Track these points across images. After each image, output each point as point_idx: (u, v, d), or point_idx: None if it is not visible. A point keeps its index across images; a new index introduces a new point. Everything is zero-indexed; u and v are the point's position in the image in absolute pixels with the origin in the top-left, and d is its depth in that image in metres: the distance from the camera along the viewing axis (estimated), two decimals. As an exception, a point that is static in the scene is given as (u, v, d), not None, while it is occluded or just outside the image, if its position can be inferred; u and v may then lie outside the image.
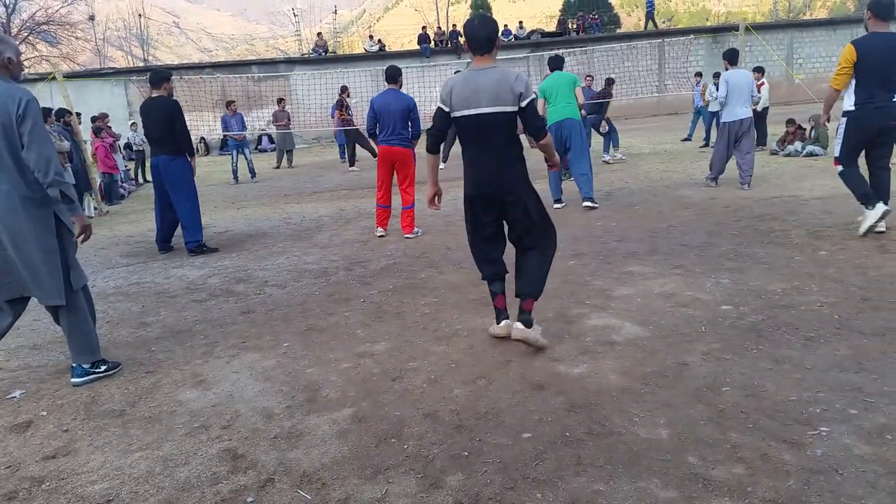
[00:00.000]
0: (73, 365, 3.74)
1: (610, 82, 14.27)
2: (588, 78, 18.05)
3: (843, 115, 5.69)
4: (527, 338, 3.65)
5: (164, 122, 6.90)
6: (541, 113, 7.70)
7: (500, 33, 3.69)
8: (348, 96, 16.39)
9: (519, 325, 3.70)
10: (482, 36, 3.53)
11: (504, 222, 3.86)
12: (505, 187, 3.65)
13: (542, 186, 9.92)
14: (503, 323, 3.90)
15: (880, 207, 5.52)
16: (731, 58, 8.92)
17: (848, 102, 5.59)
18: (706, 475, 2.41)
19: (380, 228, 7.43)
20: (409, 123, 7.08)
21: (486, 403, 3.13)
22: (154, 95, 7.09)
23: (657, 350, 3.61)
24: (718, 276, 4.88)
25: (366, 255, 6.53)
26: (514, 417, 2.96)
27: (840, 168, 5.81)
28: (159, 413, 3.30)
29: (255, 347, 4.14)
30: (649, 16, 32.87)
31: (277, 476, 2.63)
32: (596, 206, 7.94)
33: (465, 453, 2.69)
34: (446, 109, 3.63)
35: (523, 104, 3.51)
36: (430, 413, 3.07)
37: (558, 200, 8.32)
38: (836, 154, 5.82)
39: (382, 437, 2.89)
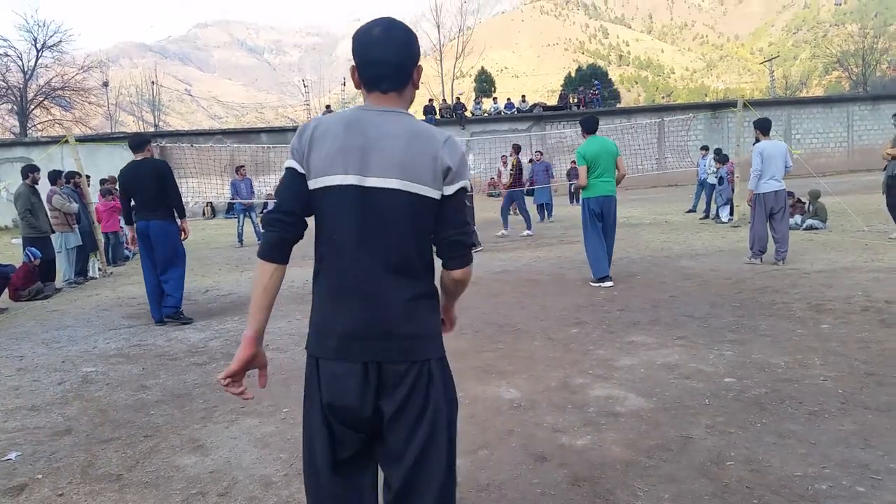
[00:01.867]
0: None
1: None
2: (538, 153, 18.55)
3: None
4: None
5: (156, 184, 6.64)
6: (581, 183, 7.47)
7: (419, 58, 1.90)
8: None
9: None
10: (391, 59, 1.82)
11: (368, 433, 1.87)
12: (394, 345, 1.80)
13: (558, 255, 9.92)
14: None
15: None
16: (764, 127, 8.51)
17: None
18: (712, 552, 2.36)
19: None
20: None
21: (488, 475, 3.09)
22: (137, 159, 6.79)
23: (661, 422, 3.58)
24: (721, 347, 4.87)
25: (368, 320, 6.52)
26: (517, 490, 2.92)
27: None
28: (157, 478, 3.25)
29: (255, 413, 4.11)
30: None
31: (274, 546, 2.57)
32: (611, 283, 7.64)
33: (467, 525, 2.64)
34: (301, 171, 1.83)
35: (451, 190, 1.83)
36: (430, 483, 3.03)
37: (606, 278, 7.56)
38: None
39: (382, 507, 2.84)
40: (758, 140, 8.50)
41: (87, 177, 11.76)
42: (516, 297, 7.19)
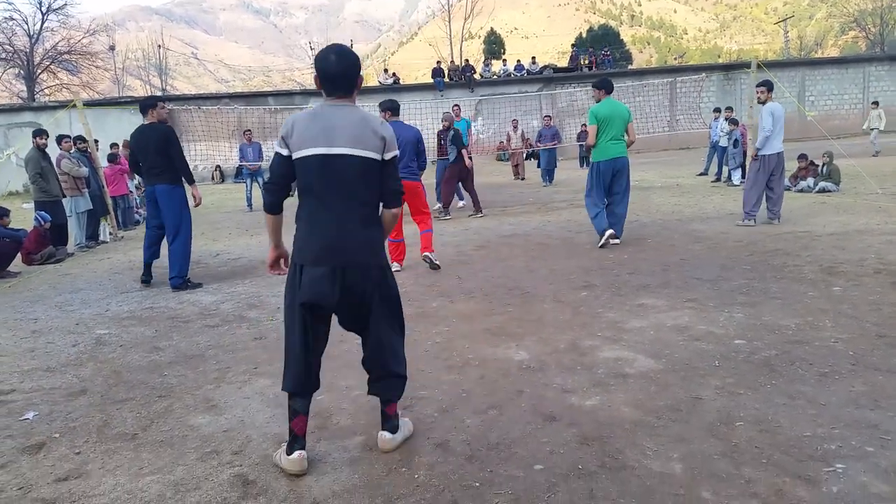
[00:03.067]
0: None
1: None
2: (546, 118, 18.16)
3: None
4: (396, 445, 3.01)
5: (159, 148, 6.72)
6: (590, 142, 7.55)
7: (360, 70, 2.86)
8: None
9: (385, 433, 3.02)
10: (338, 73, 2.77)
11: (334, 311, 2.93)
12: (352, 255, 2.78)
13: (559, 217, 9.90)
14: (296, 454, 2.83)
15: None
16: (771, 87, 8.38)
17: None
18: (720, 510, 2.38)
19: (395, 264, 7.17)
20: (418, 156, 7.07)
21: (498, 434, 3.11)
22: (145, 122, 6.91)
23: (670, 383, 3.59)
24: (731, 310, 4.86)
25: (378, 283, 6.53)
26: (526, 449, 2.95)
27: None
28: (171, 437, 3.30)
29: (267, 373, 4.15)
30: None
31: (288, 503, 2.62)
32: (618, 241, 7.76)
33: (477, 484, 2.67)
34: (285, 153, 2.77)
35: (388, 156, 2.82)
36: (441, 443, 3.06)
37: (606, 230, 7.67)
38: None
39: (393, 466, 2.87)
40: (763, 101, 8.38)
41: (96, 141, 11.74)
42: (525, 261, 7.18)
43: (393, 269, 6.93)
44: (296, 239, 2.80)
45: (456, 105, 14.08)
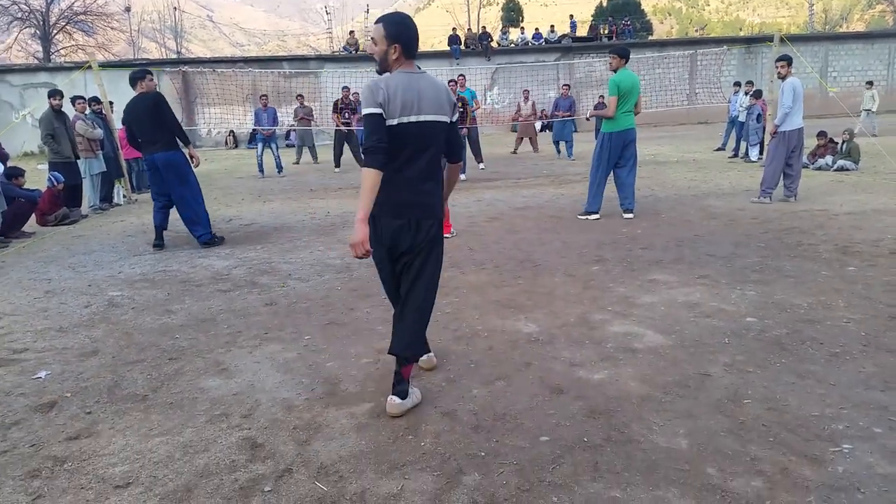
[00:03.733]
0: None
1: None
2: (565, 87, 17.75)
3: None
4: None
5: (153, 117, 6.79)
6: (610, 113, 7.54)
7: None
8: (346, 97, 15.90)
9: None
10: (416, 38, 3.04)
11: (399, 257, 3.14)
12: (429, 209, 3.05)
13: (570, 191, 9.83)
14: (395, 401, 3.09)
15: None
16: (791, 62, 8.27)
17: None
18: (724, 487, 2.38)
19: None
20: None
21: (505, 405, 3.13)
22: (136, 94, 6.95)
23: (679, 359, 3.58)
24: (744, 287, 4.82)
25: (389, 252, 6.54)
26: (532, 420, 2.96)
27: None
28: (181, 399, 3.34)
29: (277, 339, 4.18)
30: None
31: (295, 467, 2.65)
32: (632, 216, 7.78)
33: (482, 453, 2.69)
34: (387, 118, 2.87)
35: (455, 118, 3.10)
36: (448, 412, 3.08)
37: (594, 213, 7.81)
38: None
39: (400, 433, 2.90)
40: (783, 76, 8.23)
41: (111, 103, 11.72)
42: (537, 234, 7.15)
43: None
44: (380, 196, 2.88)
45: (461, 75, 13.91)
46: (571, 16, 33.82)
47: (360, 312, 4.67)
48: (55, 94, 9.63)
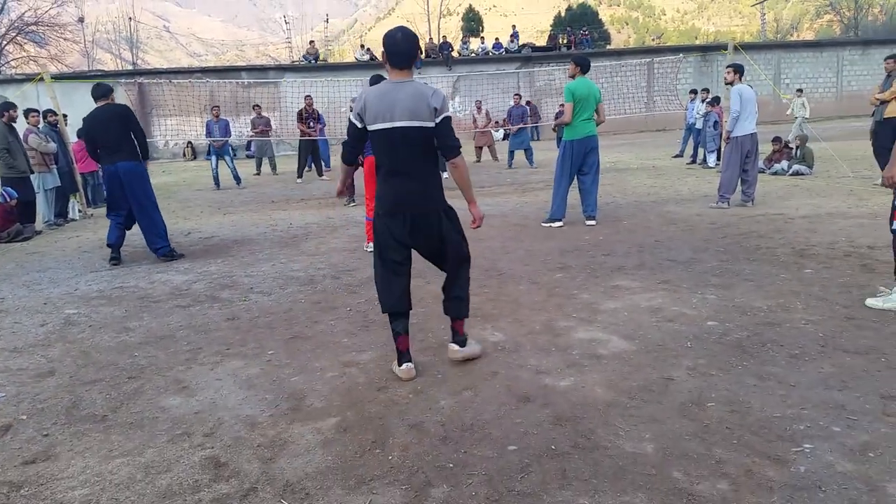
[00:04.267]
0: None
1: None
2: (516, 97, 17.57)
3: None
4: (466, 355, 3.75)
5: (120, 126, 6.74)
6: (566, 119, 7.61)
7: (419, 50, 3.59)
8: (310, 106, 15.85)
9: (454, 345, 3.77)
10: (403, 51, 3.39)
11: (414, 249, 3.66)
12: (418, 201, 3.48)
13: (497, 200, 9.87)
14: (405, 366, 3.60)
15: None
16: (741, 70, 8.55)
17: None
18: (691, 490, 2.41)
19: (370, 244, 7.09)
20: None
21: (472, 415, 3.12)
22: (99, 105, 6.88)
23: (643, 364, 3.62)
24: (704, 291, 4.90)
25: (353, 263, 6.51)
26: (500, 430, 2.95)
27: None
28: (141, 419, 3.26)
29: (240, 354, 4.11)
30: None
31: (260, 485, 2.60)
32: (594, 223, 7.83)
33: (451, 465, 2.67)
34: (359, 125, 3.42)
35: (438, 120, 3.38)
36: (415, 424, 3.06)
37: (558, 220, 7.89)
38: None
39: (367, 447, 2.86)
40: (730, 82, 8.57)
41: (65, 116, 11.46)
42: (501, 242, 7.18)
43: (367, 250, 7.00)
44: (377, 194, 3.59)
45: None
46: (514, 25, 34.31)
47: (324, 325, 4.62)
48: (9, 107, 9.36)
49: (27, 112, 10.12)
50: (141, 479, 2.69)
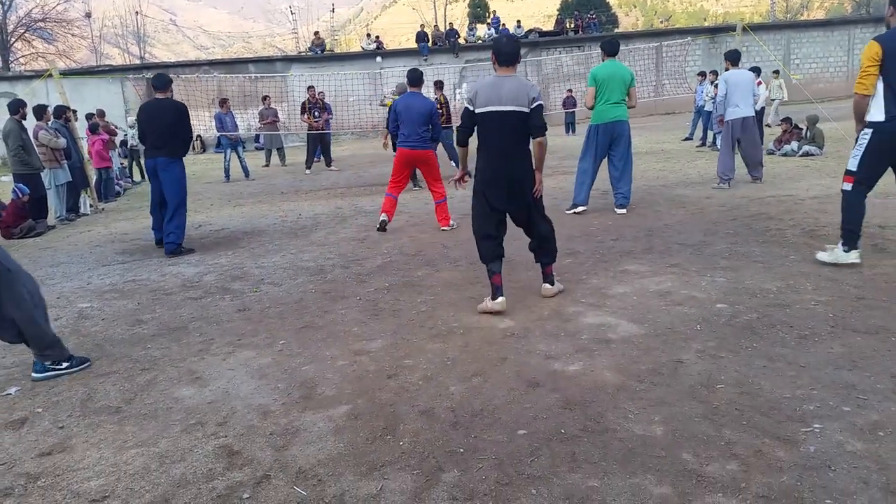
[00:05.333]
0: (35, 361, 3.81)
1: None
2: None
3: (867, 126, 4.70)
4: (556, 291, 4.65)
5: (172, 123, 6.90)
6: (588, 104, 7.58)
7: (521, 51, 4.54)
8: (313, 97, 15.86)
9: (546, 285, 4.65)
10: (508, 52, 4.31)
11: (508, 212, 4.50)
12: (515, 175, 4.33)
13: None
14: (499, 299, 4.40)
15: (854, 255, 4.84)
16: (733, 58, 8.94)
17: (875, 110, 4.67)
18: (700, 471, 2.42)
19: (384, 214, 7.43)
20: (430, 126, 7.20)
21: (482, 401, 3.13)
22: (158, 97, 7.07)
23: (652, 348, 3.62)
24: (714, 274, 4.89)
25: (362, 253, 6.53)
26: (510, 414, 2.97)
27: (849, 187, 4.85)
28: (155, 410, 3.30)
29: (251, 345, 4.14)
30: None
31: (273, 472, 2.63)
32: (624, 212, 7.64)
33: (461, 450, 2.70)
34: (471, 108, 4.31)
35: (533, 107, 4.22)
36: (425, 410, 3.08)
37: (578, 205, 7.75)
38: (851, 168, 4.81)
39: (378, 434, 2.89)
40: (727, 70, 8.99)
41: (74, 111, 11.53)
42: (511, 229, 7.14)
43: (380, 219, 7.21)
44: (477, 166, 4.41)
45: (438, 81, 13.88)
46: (497, 15, 34.12)
47: (334, 314, 4.65)
48: (22, 104, 9.44)
49: (40, 109, 10.12)
50: (155, 468, 2.73)
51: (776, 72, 18.71)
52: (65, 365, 3.84)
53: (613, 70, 7.40)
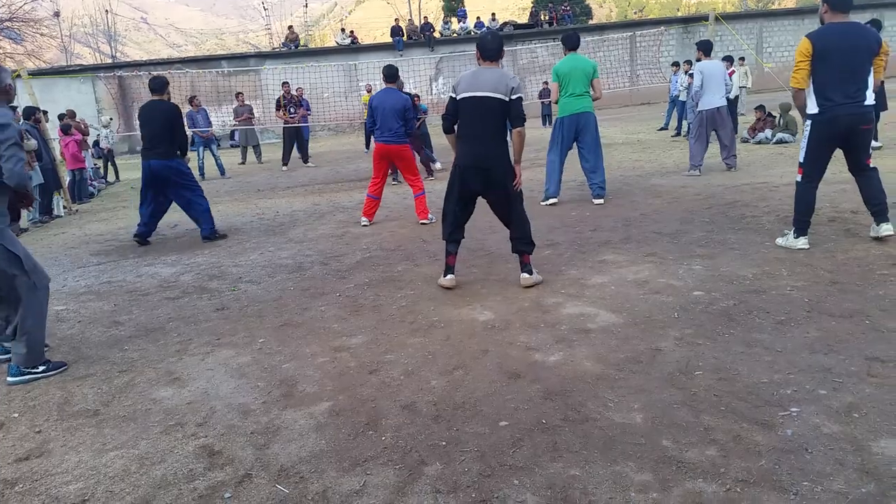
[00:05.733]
0: (11, 364, 3.80)
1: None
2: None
3: (805, 118, 5.02)
4: (534, 281, 4.68)
5: (166, 124, 7.13)
6: (553, 99, 7.71)
7: (503, 46, 4.74)
8: (288, 93, 15.84)
9: (525, 274, 4.68)
10: (492, 48, 4.57)
11: (480, 197, 4.73)
12: (493, 161, 4.52)
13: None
14: (449, 277, 4.80)
15: (802, 241, 5.03)
16: (706, 48, 9.09)
17: (810, 104, 4.93)
18: (680, 458, 2.44)
19: (364, 218, 7.58)
20: (405, 121, 7.22)
21: (463, 393, 3.14)
22: (154, 98, 7.34)
23: (631, 337, 3.65)
24: (690, 262, 4.94)
25: (341, 249, 6.50)
26: (491, 406, 2.98)
27: (800, 178, 5.12)
28: (134, 412, 3.26)
29: (230, 344, 4.11)
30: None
31: (255, 471, 2.61)
32: (602, 202, 7.68)
33: (443, 443, 2.70)
34: (454, 96, 4.55)
35: (512, 97, 4.43)
36: (407, 405, 3.08)
37: (551, 197, 7.82)
38: (801, 160, 5.09)
39: (360, 429, 2.88)
40: (699, 60, 9.17)
41: (45, 112, 11.33)
42: (488, 222, 7.14)
43: (361, 224, 7.22)
44: (456, 151, 4.67)
45: (416, 96, 13.87)
46: (464, 7, 33.97)
47: (314, 311, 4.63)
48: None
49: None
50: (135, 470, 2.70)
51: (741, 59, 18.81)
52: (41, 368, 3.80)
53: (574, 63, 7.48)
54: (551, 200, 7.79)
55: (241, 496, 2.45)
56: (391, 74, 7.43)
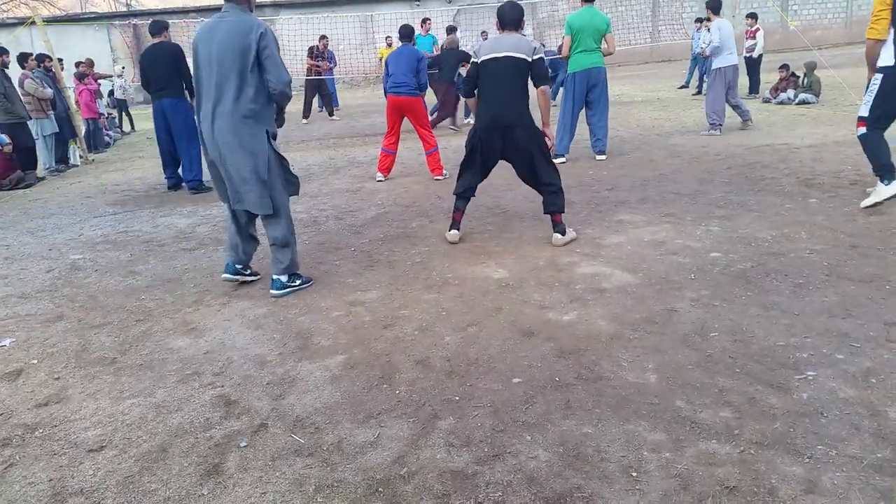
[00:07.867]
0: (273, 278, 4.05)
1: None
2: (483, 34, 15.10)
3: (878, 71, 4.73)
4: (566, 241, 4.64)
5: (169, 65, 7.38)
6: (564, 52, 7.61)
7: (523, 15, 4.78)
8: (325, 46, 15.64)
9: (557, 234, 4.65)
10: (511, 18, 4.64)
11: (510, 162, 4.77)
12: (513, 119, 4.54)
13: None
14: (452, 231, 4.88)
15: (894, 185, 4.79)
16: (715, 7, 8.94)
17: (886, 56, 4.63)
18: (693, 418, 2.44)
19: (379, 174, 7.57)
20: (417, 74, 7.17)
21: (477, 350, 3.15)
22: (155, 42, 7.54)
23: (646, 297, 3.63)
24: (708, 223, 4.88)
25: (356, 204, 6.48)
26: (505, 363, 2.99)
27: (863, 131, 4.90)
28: (151, 361, 3.30)
29: (246, 296, 4.13)
30: None
31: (271, 421, 2.65)
32: (604, 158, 7.78)
33: (457, 398, 2.71)
34: (477, 60, 4.63)
35: (535, 57, 4.52)
36: (421, 360, 3.09)
37: (560, 155, 7.69)
38: (863, 114, 4.87)
39: (374, 383, 2.91)
40: (708, 19, 9.20)
41: (60, 60, 11.25)
42: (504, 180, 7.09)
43: (376, 179, 7.22)
44: (476, 111, 4.76)
45: (426, 19, 13.62)
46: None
47: (328, 266, 4.64)
48: (2, 52, 9.19)
49: (23, 57, 9.93)
50: (152, 418, 2.74)
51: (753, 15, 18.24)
52: (298, 282, 4.11)
53: (589, 17, 7.37)
54: (560, 160, 7.68)
55: (256, 445, 2.49)
56: (407, 34, 7.46)
